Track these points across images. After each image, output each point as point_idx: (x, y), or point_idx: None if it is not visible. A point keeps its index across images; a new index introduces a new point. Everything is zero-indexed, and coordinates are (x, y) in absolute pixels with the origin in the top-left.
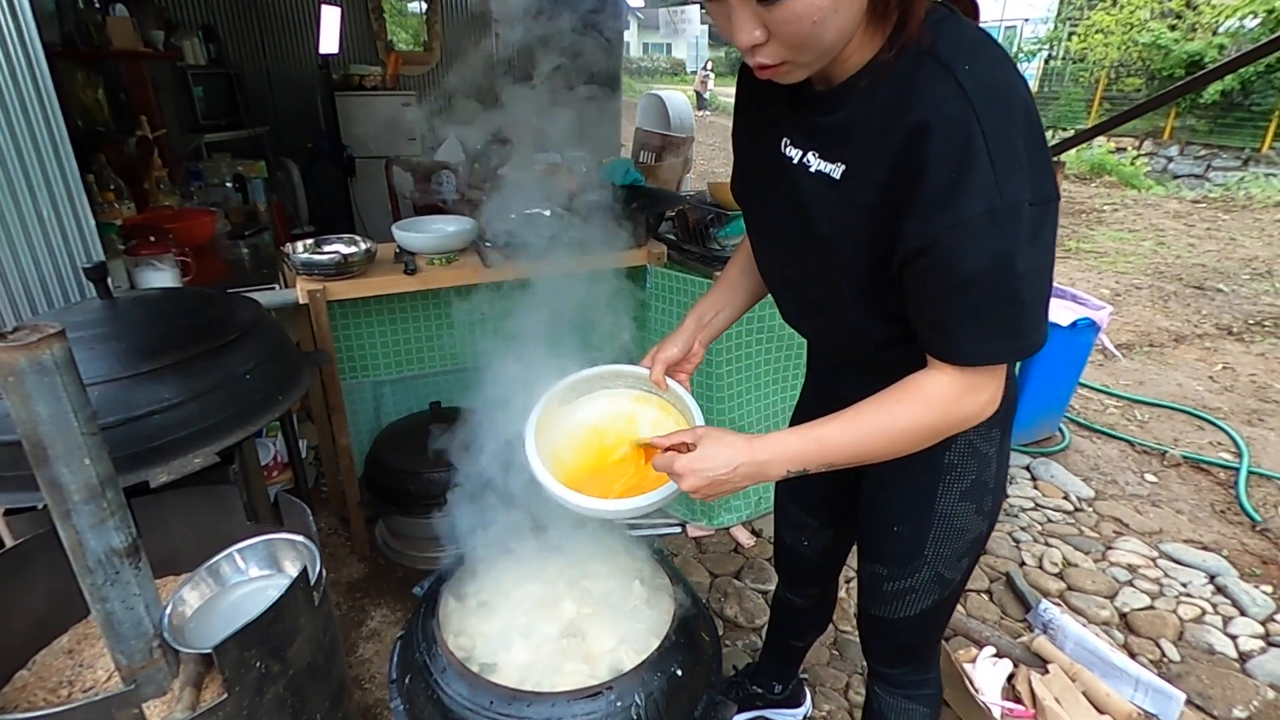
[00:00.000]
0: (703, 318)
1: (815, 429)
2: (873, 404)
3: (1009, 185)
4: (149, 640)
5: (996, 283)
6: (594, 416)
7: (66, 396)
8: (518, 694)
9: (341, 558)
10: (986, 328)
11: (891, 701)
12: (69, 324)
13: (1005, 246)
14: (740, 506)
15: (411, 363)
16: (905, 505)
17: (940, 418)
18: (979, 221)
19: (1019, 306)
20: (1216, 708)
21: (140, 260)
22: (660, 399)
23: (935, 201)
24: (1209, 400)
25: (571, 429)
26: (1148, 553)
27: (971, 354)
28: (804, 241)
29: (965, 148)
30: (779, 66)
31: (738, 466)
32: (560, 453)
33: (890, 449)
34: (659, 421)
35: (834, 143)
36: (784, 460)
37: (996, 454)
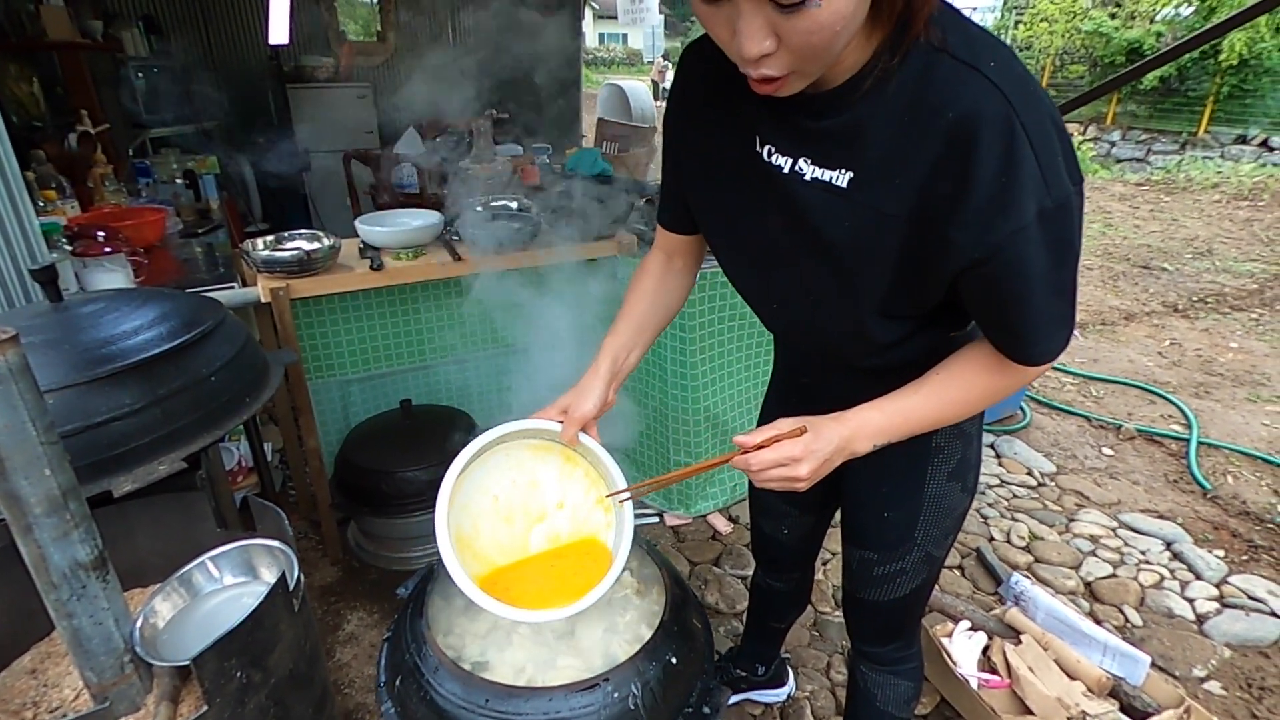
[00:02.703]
0: (616, 360)
1: (896, 402)
2: (951, 375)
3: (1055, 180)
4: (120, 655)
5: (1059, 278)
6: (494, 488)
7: (23, 405)
8: (514, 690)
9: (313, 562)
10: (1054, 323)
11: (877, 678)
12: (19, 330)
13: (1064, 242)
14: (717, 494)
15: (379, 360)
16: (896, 491)
17: (1017, 383)
18: (1036, 225)
19: (1073, 293)
20: (1178, 668)
21: (89, 261)
22: (561, 447)
23: (990, 208)
24: (1159, 375)
25: (474, 504)
26: (1108, 523)
27: (1044, 353)
28: (808, 256)
29: (1012, 148)
30: (783, 79)
31: (839, 445)
32: (468, 536)
33: (967, 414)
34: (562, 474)
35: (834, 148)
36: (869, 434)
37: (976, 431)
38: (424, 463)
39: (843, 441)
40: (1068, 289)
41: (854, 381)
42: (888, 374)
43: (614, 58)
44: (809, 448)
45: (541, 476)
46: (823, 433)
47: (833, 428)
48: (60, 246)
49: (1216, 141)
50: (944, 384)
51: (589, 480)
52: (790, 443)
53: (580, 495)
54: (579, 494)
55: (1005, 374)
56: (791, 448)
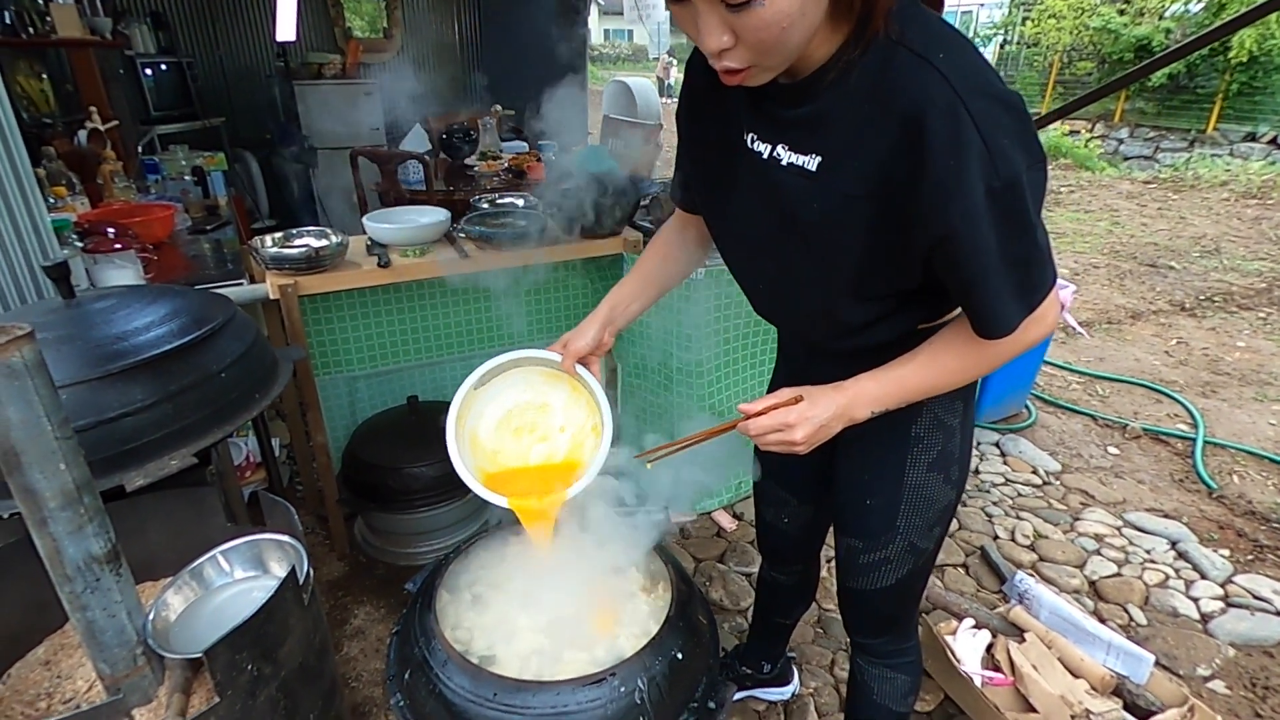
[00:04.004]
0: (615, 307)
1: (891, 370)
2: (943, 345)
3: (1003, 161)
4: (132, 648)
5: (1014, 252)
6: (508, 402)
7: (39, 400)
8: (522, 684)
9: (321, 556)
10: (1025, 288)
11: (874, 671)
12: (33, 326)
13: (1015, 218)
14: (721, 491)
15: (386, 357)
16: (876, 479)
17: (1013, 349)
18: (986, 203)
19: (1041, 254)
20: (1182, 667)
21: (100, 257)
22: (569, 379)
23: (941, 189)
24: (1165, 374)
25: (489, 413)
26: (1113, 522)
27: (999, 327)
28: (786, 236)
29: (959, 134)
30: (746, 71)
31: (836, 412)
32: (479, 437)
33: (961, 382)
34: (569, 402)
35: (805, 135)
36: (867, 401)
37: (960, 425)
38: (430, 459)
39: (839, 409)
40: (1026, 263)
41: (832, 366)
42: (860, 358)
43: (619, 54)
44: (803, 414)
45: (552, 400)
46: (818, 400)
47: (830, 395)
48: (71, 243)
49: (1225, 139)
50: (936, 353)
51: (588, 408)
52: (785, 410)
53: (581, 419)
54: (580, 417)
55: (985, 345)
56: (786, 414)
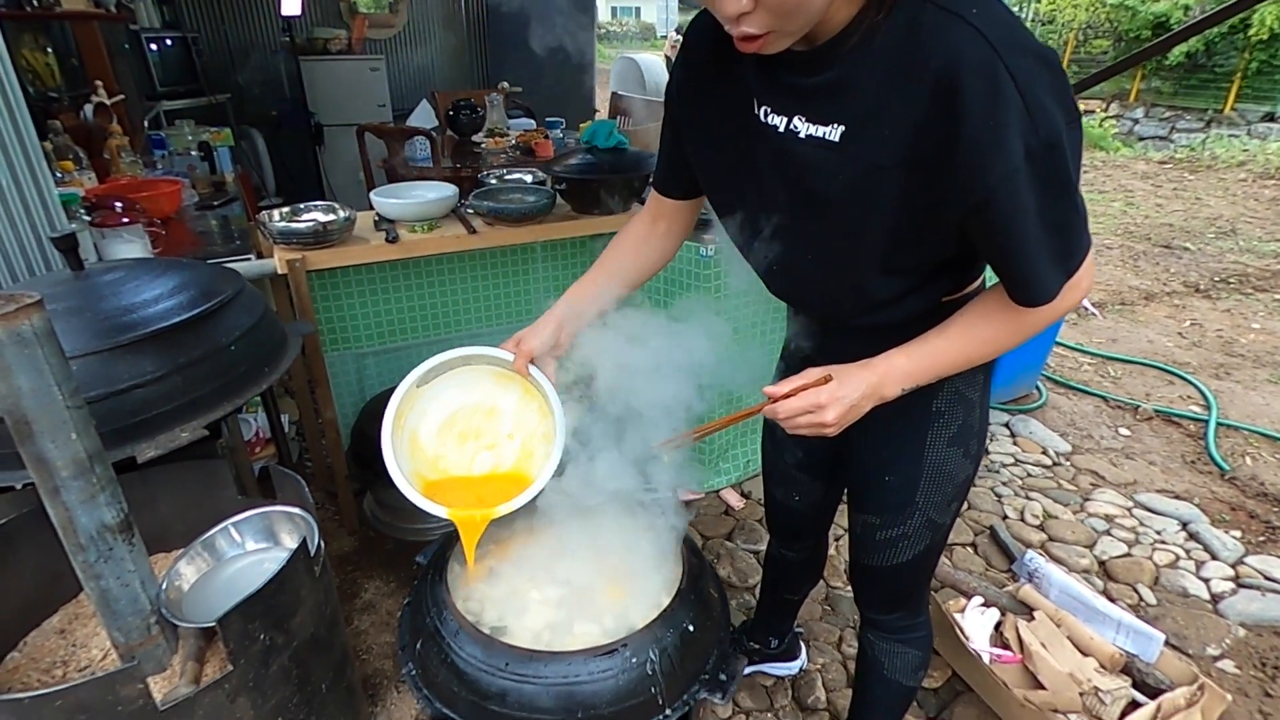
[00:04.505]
0: (574, 305)
1: (922, 345)
2: (976, 315)
3: (1043, 119)
4: (146, 616)
5: (1053, 215)
6: (454, 403)
7: (49, 369)
8: (534, 654)
9: (330, 531)
10: (1064, 252)
11: (885, 647)
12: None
13: (1055, 179)
14: (730, 470)
15: (395, 334)
16: (896, 455)
17: (1050, 317)
18: (1026, 164)
19: (1080, 216)
20: (1191, 646)
21: (108, 231)
22: (523, 381)
23: (979, 152)
24: (1178, 356)
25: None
26: (1123, 503)
27: (1041, 293)
28: (809, 213)
29: (997, 92)
30: (764, 37)
31: (866, 391)
32: (420, 439)
33: (994, 354)
34: (521, 407)
35: (826, 104)
36: (898, 378)
37: (980, 398)
38: None
39: (869, 388)
40: (1065, 226)
41: (851, 344)
42: (881, 335)
43: (627, 32)
44: (834, 394)
45: (502, 404)
46: (848, 380)
47: (859, 374)
48: (79, 217)
49: (1243, 119)
50: (970, 323)
51: (540, 414)
52: (815, 390)
53: (532, 425)
54: (532, 423)
55: (1022, 315)
56: (816, 395)
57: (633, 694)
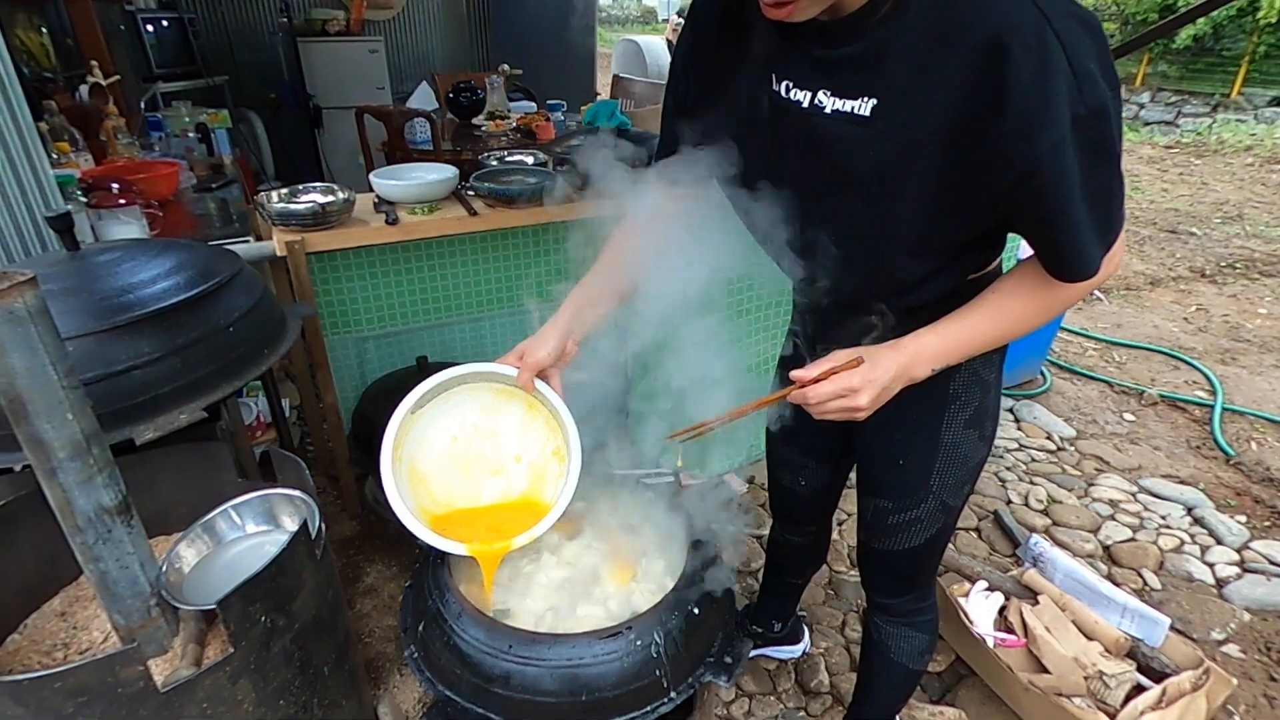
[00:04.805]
0: (580, 311)
1: (953, 323)
2: (1007, 292)
3: (1090, 86)
4: (146, 599)
5: (1097, 185)
6: (452, 428)
7: (43, 348)
8: (537, 636)
9: (332, 516)
10: (1104, 224)
11: (892, 630)
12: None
13: (1101, 148)
14: (733, 455)
15: (395, 318)
16: (911, 438)
17: (1084, 291)
18: (1073, 133)
19: (1121, 186)
20: (1196, 631)
21: (104, 213)
22: (525, 395)
23: (1027, 122)
24: (1184, 341)
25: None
26: (1128, 488)
27: (1084, 268)
28: (836, 193)
29: (1046, 60)
30: (794, 3)
31: (897, 372)
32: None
33: (1024, 330)
34: (525, 425)
35: (854, 77)
36: (928, 358)
37: (995, 379)
38: None
39: (900, 369)
40: (1108, 196)
41: (866, 331)
42: (903, 317)
43: (628, 15)
44: (866, 377)
45: (503, 425)
46: (880, 361)
47: (889, 355)
48: (75, 198)
49: (1250, 104)
50: (1002, 300)
51: (548, 429)
52: (848, 374)
53: (539, 444)
54: (538, 442)
55: (1056, 289)
56: (849, 378)
57: (637, 677)
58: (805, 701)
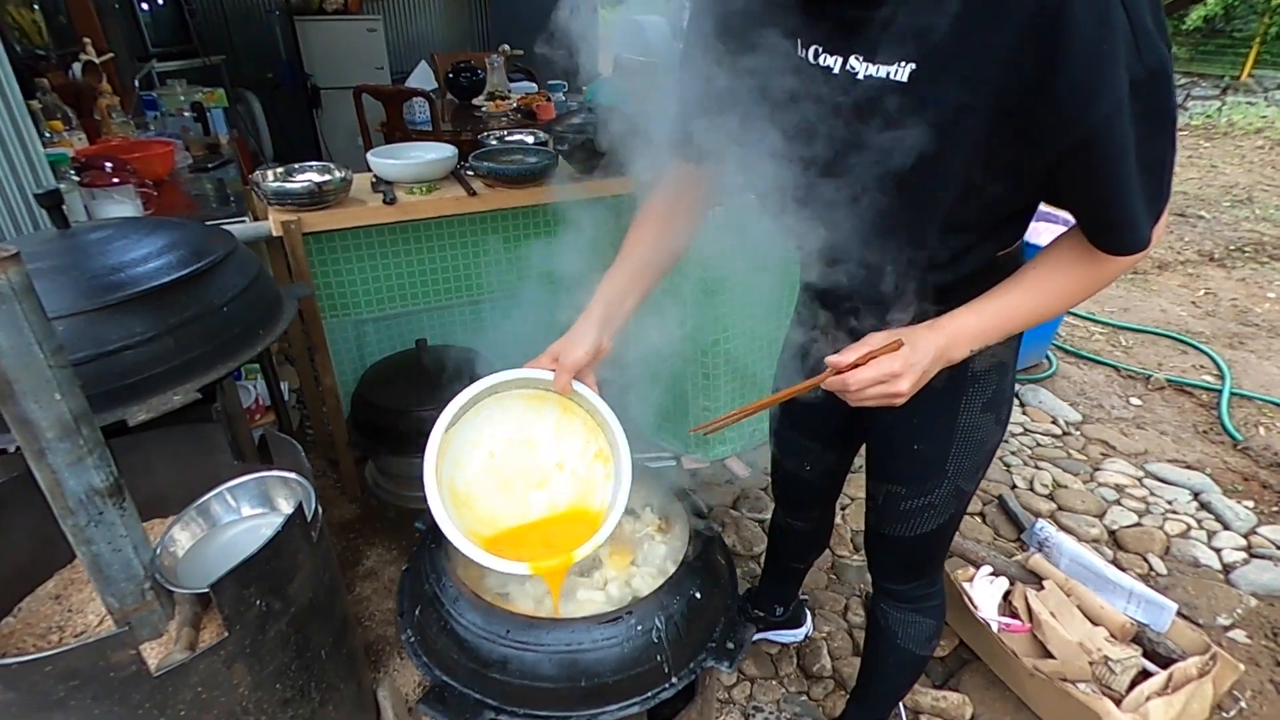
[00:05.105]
0: (611, 305)
1: (992, 301)
2: (1048, 268)
3: (1149, 46)
4: (140, 582)
5: (1153, 154)
6: (487, 445)
7: (28, 326)
8: (535, 621)
9: (332, 499)
10: (1155, 194)
11: (899, 616)
12: (25, 255)
13: (1159, 113)
14: (735, 438)
15: (394, 300)
16: (928, 422)
17: (1130, 265)
18: (1131, 98)
19: (1174, 154)
20: (1202, 616)
21: (98, 192)
22: (558, 398)
23: (1083, 86)
24: (1192, 325)
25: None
26: (1134, 473)
27: (1135, 240)
28: (864, 163)
29: (1105, 17)
30: None
31: (936, 355)
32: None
33: (1065, 308)
34: (560, 429)
35: (891, 39)
36: (967, 339)
37: (1012, 362)
38: (440, 402)
39: (939, 351)
40: (1161, 164)
41: (884, 315)
42: (925, 298)
43: None
44: (908, 361)
45: (538, 433)
46: (919, 344)
47: (928, 337)
48: (68, 177)
49: (1260, 86)
50: (1043, 276)
51: (587, 430)
52: (889, 358)
53: (579, 448)
54: (577, 446)
55: (1102, 263)
56: (890, 363)
57: (637, 662)
58: (807, 686)
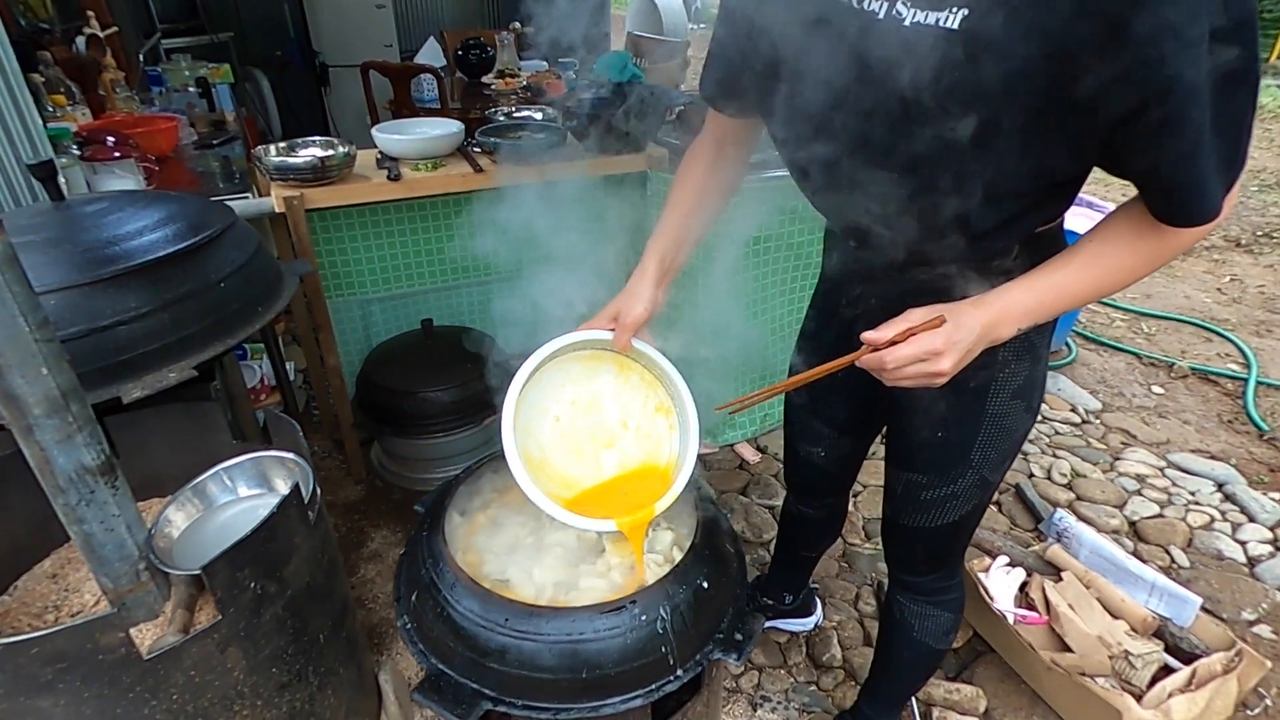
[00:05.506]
0: (665, 259)
1: (1044, 277)
2: (1107, 241)
3: None
4: (134, 563)
5: (1236, 109)
6: (553, 412)
7: (12, 297)
8: (535, 609)
9: (338, 480)
10: (1230, 159)
11: (916, 609)
12: (17, 227)
13: (1241, 66)
14: (745, 424)
15: (400, 280)
16: (953, 409)
17: (1197, 238)
18: (1211, 53)
19: (1253, 116)
20: (1226, 610)
21: (99, 166)
22: (613, 357)
23: (1157, 38)
24: (1217, 312)
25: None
26: (1156, 463)
27: (1207, 210)
28: (906, 119)
29: None
30: None
31: (981, 333)
32: (533, 459)
33: (1129, 283)
34: (619, 387)
35: None
36: (1015, 317)
37: (1045, 348)
38: (446, 383)
39: (985, 329)
40: (1238, 126)
41: (917, 287)
42: (959, 275)
43: None
44: (950, 339)
45: (601, 393)
46: (963, 321)
47: (973, 314)
48: (69, 152)
49: None
50: (1099, 252)
51: (645, 385)
52: (930, 335)
53: (639, 403)
54: (638, 402)
55: (1166, 236)
56: (932, 340)
57: (641, 653)
58: (817, 675)
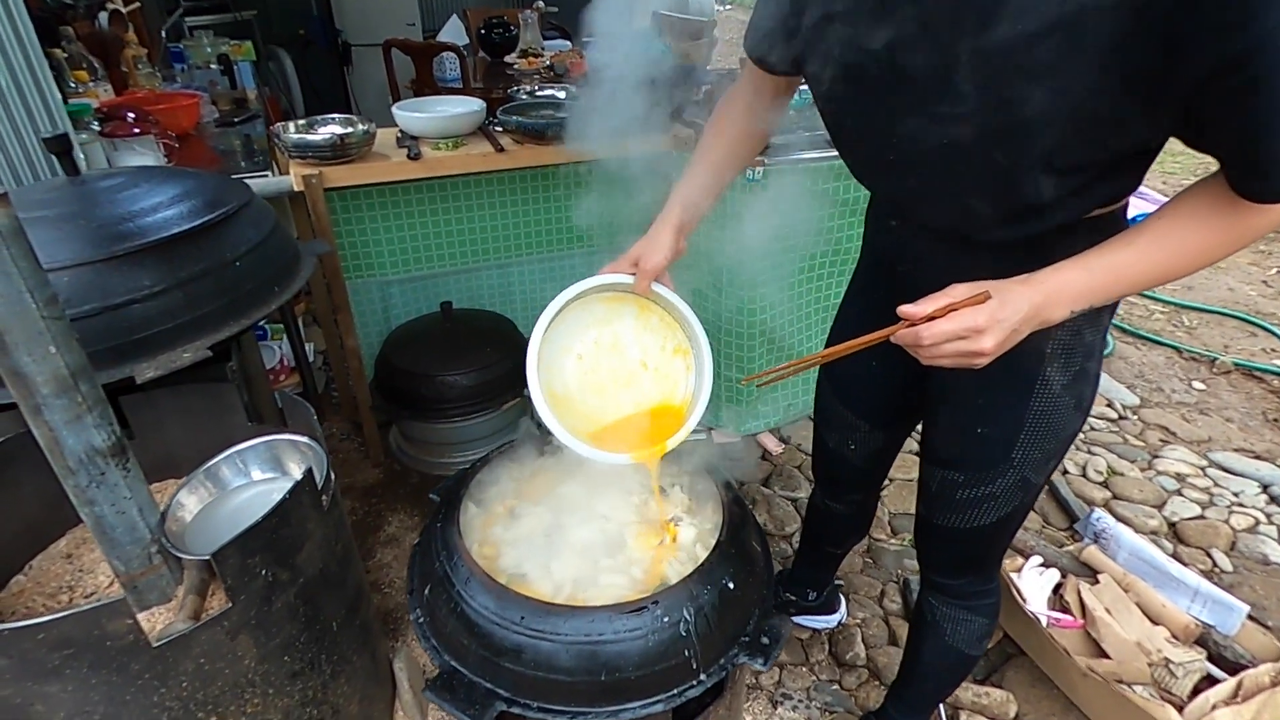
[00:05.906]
0: (687, 208)
1: (1105, 256)
2: (1177, 220)
3: None
4: (146, 545)
5: None
6: (577, 350)
7: (18, 272)
8: (552, 608)
9: (355, 463)
10: None
11: (948, 612)
12: (30, 203)
13: None
14: (769, 413)
15: (420, 261)
16: (995, 403)
17: (1257, 229)
18: None
19: None
20: (1272, 618)
21: (119, 142)
22: (635, 299)
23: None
24: (1262, 306)
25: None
26: (1196, 461)
27: None
28: (963, 79)
29: None
30: None
31: (1029, 313)
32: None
33: (1199, 267)
34: (639, 328)
35: None
36: (1070, 298)
37: (1100, 340)
38: (465, 367)
39: (1033, 309)
40: None
41: (965, 265)
42: (1010, 254)
43: None
44: (994, 316)
45: (621, 333)
46: (1010, 299)
47: (1021, 292)
48: (90, 128)
49: None
50: (1168, 230)
51: (665, 326)
52: (972, 310)
53: (658, 344)
54: (657, 342)
55: (1245, 214)
56: (974, 316)
57: (663, 657)
58: (839, 674)
